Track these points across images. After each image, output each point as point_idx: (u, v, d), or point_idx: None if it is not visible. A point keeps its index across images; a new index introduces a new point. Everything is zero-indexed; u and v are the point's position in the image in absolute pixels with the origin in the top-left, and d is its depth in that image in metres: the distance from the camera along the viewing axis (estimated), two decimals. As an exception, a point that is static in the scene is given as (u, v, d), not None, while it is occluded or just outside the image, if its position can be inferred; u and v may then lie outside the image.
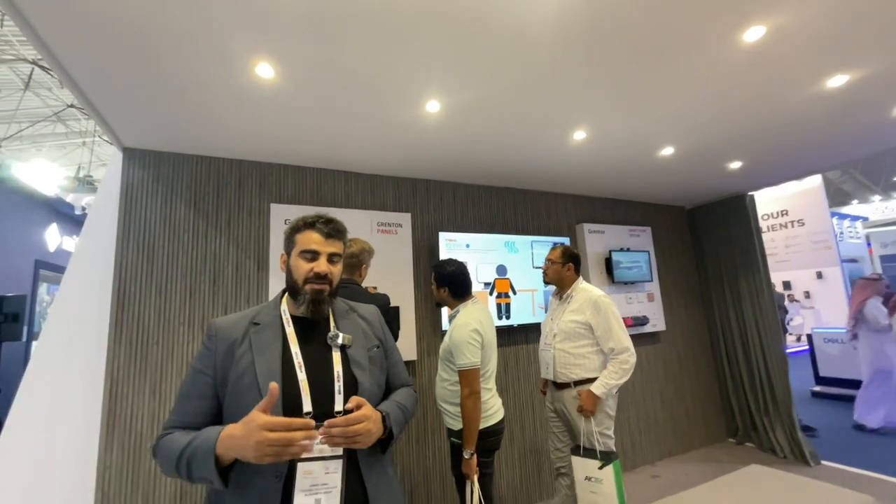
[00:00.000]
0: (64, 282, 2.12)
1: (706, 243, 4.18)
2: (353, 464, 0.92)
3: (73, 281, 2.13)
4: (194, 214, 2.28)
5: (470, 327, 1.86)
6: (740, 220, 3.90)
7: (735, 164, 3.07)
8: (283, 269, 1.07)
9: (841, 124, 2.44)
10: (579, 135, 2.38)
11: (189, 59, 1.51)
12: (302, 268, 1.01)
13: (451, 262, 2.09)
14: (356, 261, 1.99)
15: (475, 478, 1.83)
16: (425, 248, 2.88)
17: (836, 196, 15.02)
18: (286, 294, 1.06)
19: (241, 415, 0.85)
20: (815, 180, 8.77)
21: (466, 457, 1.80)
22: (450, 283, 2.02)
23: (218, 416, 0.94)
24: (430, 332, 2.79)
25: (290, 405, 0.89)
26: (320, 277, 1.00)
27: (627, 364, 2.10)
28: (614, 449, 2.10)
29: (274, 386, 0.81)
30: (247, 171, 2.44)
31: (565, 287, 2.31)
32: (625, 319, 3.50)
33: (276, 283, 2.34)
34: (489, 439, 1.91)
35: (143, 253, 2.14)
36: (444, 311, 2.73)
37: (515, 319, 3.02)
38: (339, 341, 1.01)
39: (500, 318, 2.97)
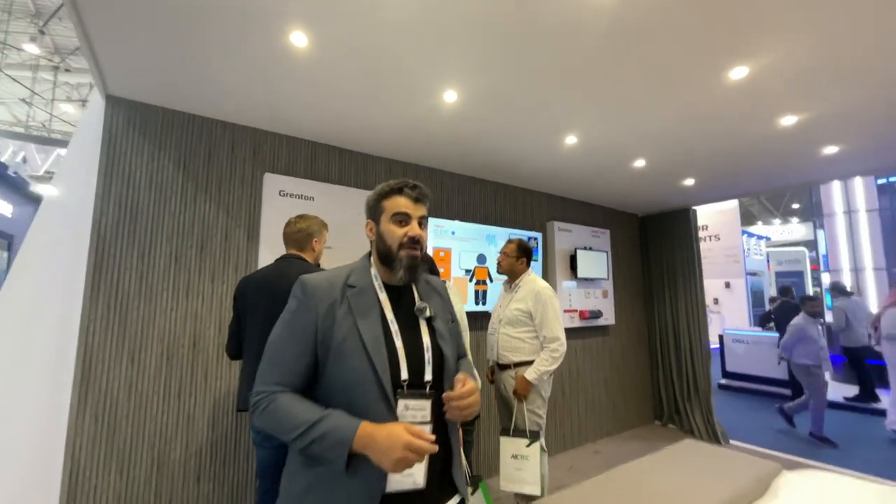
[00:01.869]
0: (30, 236, 1.92)
1: (653, 249, 4.66)
2: (441, 428, 0.95)
3: (41, 236, 1.94)
4: (183, 176, 2.16)
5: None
6: (683, 231, 4.40)
7: (688, 181, 3.47)
8: (370, 237, 1.05)
9: (782, 157, 2.88)
10: (570, 139, 2.57)
11: (206, 10, 1.45)
12: (395, 233, 0.99)
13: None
14: (304, 235, 1.86)
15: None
16: (413, 232, 2.95)
17: (745, 217, 17.11)
18: (373, 260, 1.05)
19: (344, 376, 0.89)
20: (732, 202, 9.98)
21: None
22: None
23: (314, 374, 0.93)
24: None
25: (390, 372, 0.91)
26: (414, 241, 0.99)
27: (557, 353, 2.27)
28: (543, 429, 2.30)
29: (428, 445, 0.82)
30: (241, 136, 2.34)
31: (515, 277, 2.47)
32: (581, 312, 3.84)
33: (267, 254, 2.29)
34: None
35: (125, 211, 1.99)
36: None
37: (490, 305, 3.21)
38: (427, 313, 1.02)
39: (477, 303, 3.13)
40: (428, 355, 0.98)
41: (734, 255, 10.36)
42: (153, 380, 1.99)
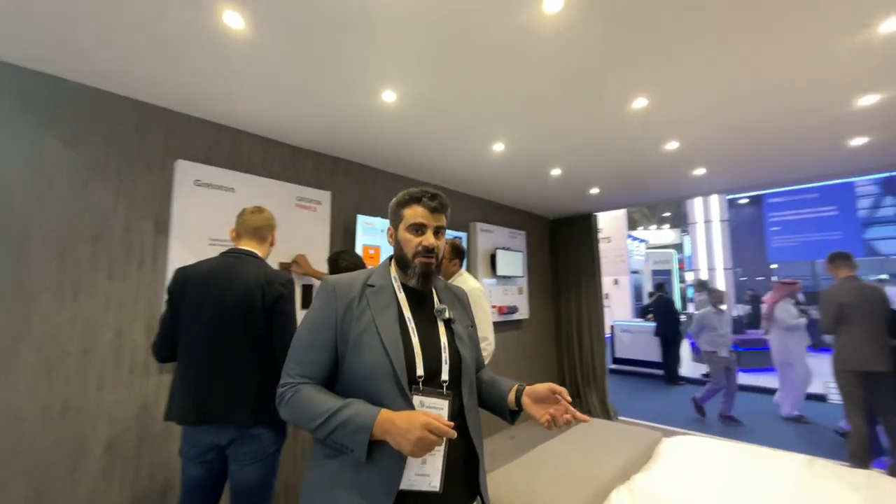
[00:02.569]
0: None
1: (560, 249, 5.16)
2: (461, 432, 0.97)
3: None
4: (73, 157, 1.85)
5: None
6: (586, 234, 4.95)
7: (594, 190, 3.92)
8: (390, 243, 1.10)
9: (665, 174, 3.41)
10: (499, 146, 2.75)
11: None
12: (411, 241, 1.03)
13: (345, 254, 2.24)
14: (267, 226, 1.70)
15: None
16: (342, 229, 2.89)
17: (629, 222, 19.70)
18: (393, 263, 1.09)
19: (362, 369, 0.93)
20: (622, 209, 11.45)
21: None
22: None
23: (335, 368, 0.97)
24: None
25: (406, 367, 0.93)
26: (428, 251, 1.02)
27: (486, 352, 2.27)
28: None
29: (448, 428, 0.84)
30: (150, 117, 2.08)
31: (448, 278, 2.55)
32: (500, 308, 4.11)
33: (181, 249, 2.07)
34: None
35: (-9, 195, 1.65)
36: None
37: (418, 303, 3.27)
38: (446, 315, 1.05)
39: (405, 301, 3.18)
40: (445, 355, 1.00)
41: (621, 255, 11.89)
42: (28, 396, 1.68)
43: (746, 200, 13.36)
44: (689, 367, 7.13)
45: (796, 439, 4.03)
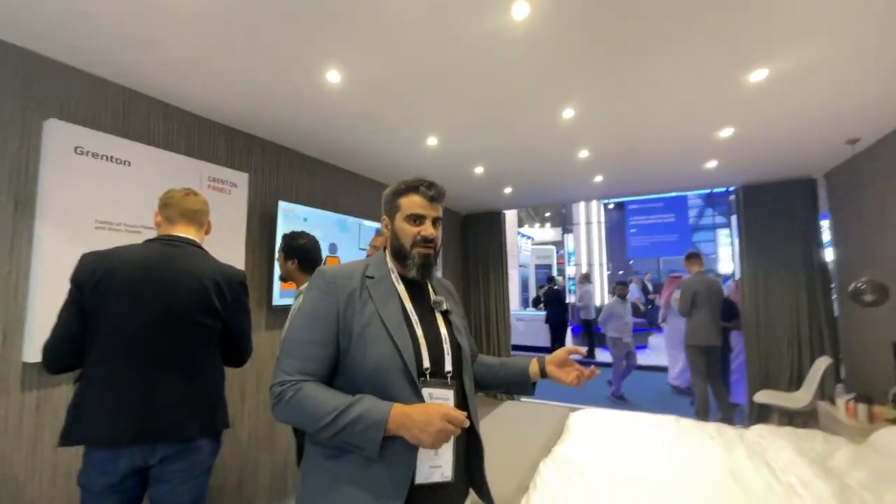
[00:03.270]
0: None
1: (471, 243, 5.40)
2: (464, 405, 0.99)
3: None
4: None
5: None
6: (495, 230, 5.27)
7: (508, 189, 4.20)
8: (385, 233, 1.07)
9: (573, 179, 3.82)
10: (432, 141, 2.77)
11: None
12: (408, 231, 1.01)
13: (303, 234, 2.09)
14: (204, 211, 1.48)
15: None
16: (260, 215, 2.61)
17: (518, 220, 21.55)
18: (388, 254, 1.06)
19: (369, 362, 0.89)
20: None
21: None
22: (301, 256, 2.02)
23: (336, 364, 0.93)
24: (256, 307, 2.55)
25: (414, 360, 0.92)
26: (427, 241, 1.00)
27: None
28: None
29: (464, 417, 0.84)
30: (2, 58, 1.59)
31: None
32: (418, 300, 4.16)
33: (54, 233, 1.64)
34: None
35: None
36: (278, 286, 2.59)
37: (340, 297, 3.13)
38: (444, 307, 1.04)
39: (327, 295, 3.01)
40: (447, 346, 1.00)
41: (511, 251, 12.91)
42: None
43: (613, 206, 15.64)
44: (571, 349, 8.12)
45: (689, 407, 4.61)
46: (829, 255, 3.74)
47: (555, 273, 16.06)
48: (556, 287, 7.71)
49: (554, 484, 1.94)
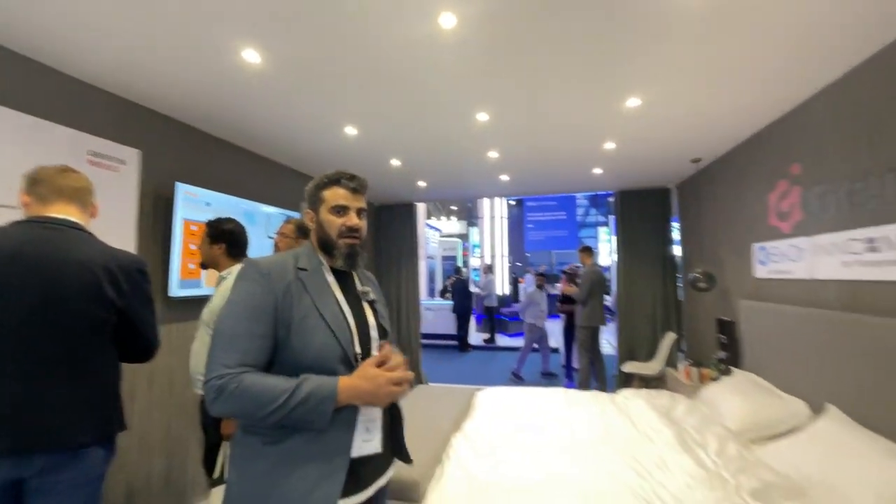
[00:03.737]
0: None
1: (384, 234, 5.44)
2: None
3: None
4: None
5: None
6: (408, 221, 5.39)
7: (422, 183, 4.34)
8: (311, 226, 1.10)
9: (483, 176, 4.09)
10: (351, 130, 2.77)
11: None
12: (334, 222, 1.06)
13: (229, 219, 2.01)
14: (87, 191, 1.31)
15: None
16: (154, 198, 2.34)
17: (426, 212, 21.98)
18: (316, 246, 1.09)
19: (310, 351, 0.95)
20: (427, 200, 12.72)
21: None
22: (229, 240, 1.93)
23: (272, 354, 0.95)
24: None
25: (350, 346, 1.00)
26: (353, 231, 1.06)
27: None
28: None
29: (388, 349, 1.01)
30: None
31: None
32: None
33: None
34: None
35: None
36: (175, 276, 2.38)
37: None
38: (371, 296, 1.11)
39: (233, 286, 2.82)
40: (374, 333, 1.08)
41: (421, 242, 13.18)
42: None
43: (514, 203, 16.86)
44: (475, 337, 8.65)
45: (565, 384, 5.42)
46: (677, 250, 4.62)
47: (460, 264, 16.81)
48: (463, 278, 8.13)
49: (465, 454, 2.15)
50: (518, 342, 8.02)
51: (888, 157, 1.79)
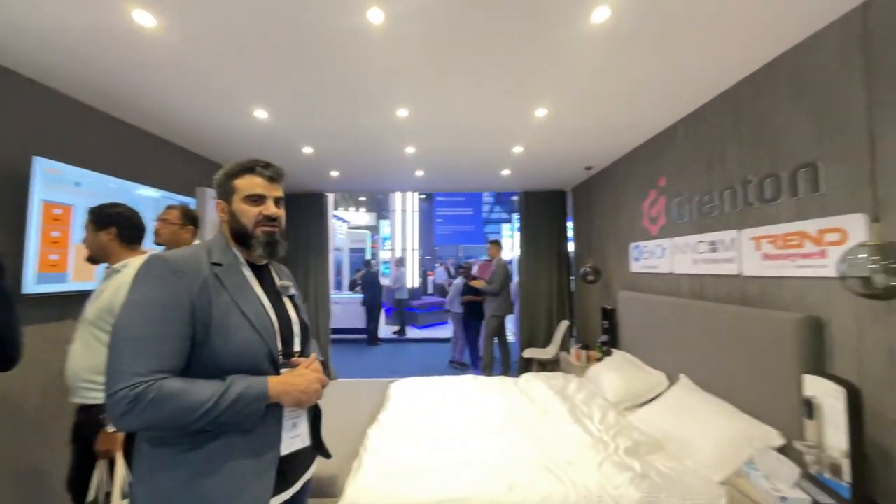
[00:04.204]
0: None
1: (293, 224, 5.12)
2: None
3: None
4: None
5: None
6: (318, 212, 5.16)
7: (335, 173, 4.19)
8: (222, 218, 1.03)
9: (396, 171, 4.10)
10: (261, 113, 2.57)
11: None
12: (249, 212, 1.00)
13: (116, 203, 1.75)
14: None
15: (120, 454, 1.67)
16: (2, 177, 1.91)
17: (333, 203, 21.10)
18: (230, 239, 1.03)
19: (233, 350, 0.90)
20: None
21: (111, 430, 1.61)
22: (120, 223, 1.68)
23: (188, 357, 0.88)
24: None
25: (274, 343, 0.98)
26: (271, 219, 1.02)
27: None
28: None
29: (313, 357, 1.04)
30: None
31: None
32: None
33: None
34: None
35: None
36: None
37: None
38: (291, 291, 1.08)
39: (110, 280, 2.43)
40: (297, 329, 1.06)
41: (330, 234, 12.68)
42: None
43: (424, 197, 17.08)
44: (383, 330, 8.62)
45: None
46: (571, 247, 5.19)
47: (369, 257, 16.53)
48: (373, 271, 8.03)
49: (381, 444, 2.19)
50: (427, 334, 8.23)
51: (724, 178, 2.27)
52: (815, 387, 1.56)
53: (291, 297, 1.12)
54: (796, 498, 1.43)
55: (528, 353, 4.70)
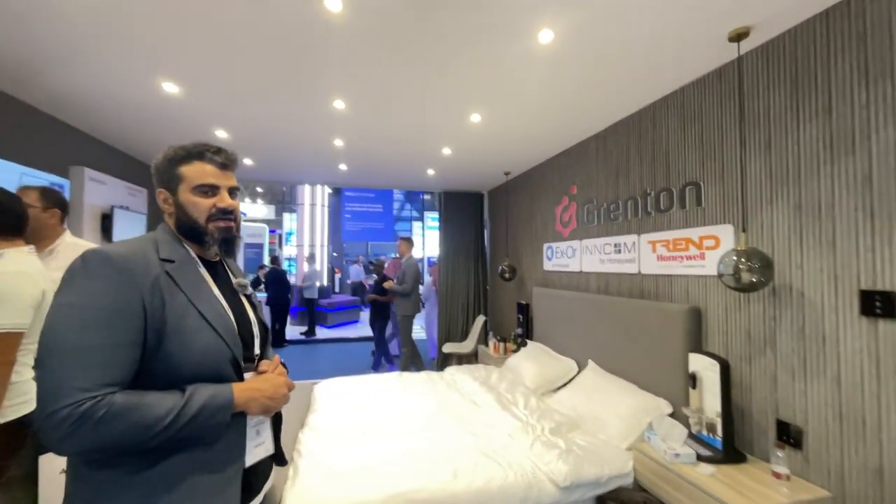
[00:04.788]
0: None
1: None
2: None
3: None
4: None
5: (28, 278, 1.39)
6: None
7: (249, 161, 3.83)
8: (166, 210, 0.93)
9: (319, 162, 3.90)
10: (171, 87, 2.26)
11: None
12: (200, 204, 0.91)
13: None
14: None
15: None
16: None
17: (228, 192, 18.92)
18: (177, 233, 0.94)
19: (193, 355, 0.82)
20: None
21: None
22: None
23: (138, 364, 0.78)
24: None
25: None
26: (226, 213, 0.93)
27: None
28: None
29: (277, 359, 1.01)
30: None
31: (47, 240, 1.74)
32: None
33: None
34: (24, 433, 1.47)
35: None
36: None
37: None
38: (249, 290, 1.01)
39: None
40: (256, 330, 0.99)
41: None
42: None
43: (332, 191, 16.41)
44: (290, 331, 8.09)
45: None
46: (487, 246, 5.49)
47: (266, 253, 15.30)
48: (279, 268, 7.48)
49: (315, 447, 2.10)
50: (337, 333, 7.94)
51: (628, 190, 2.65)
52: (697, 363, 1.93)
53: (248, 296, 1.04)
54: (685, 453, 1.76)
55: (448, 347, 4.86)
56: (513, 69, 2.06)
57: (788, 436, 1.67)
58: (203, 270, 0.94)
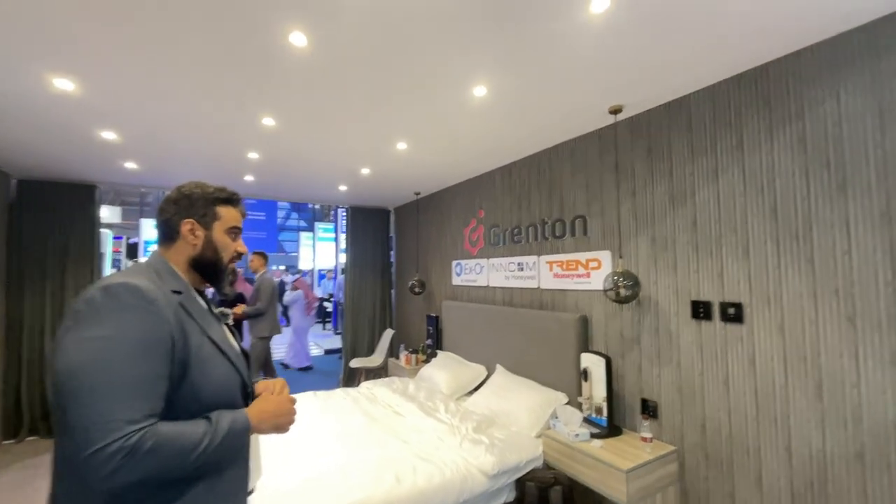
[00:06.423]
0: None
1: (47, 226, 3.72)
2: None
3: None
4: None
5: None
6: (84, 209, 3.93)
7: (132, 165, 3.36)
8: (191, 241, 0.95)
9: (225, 173, 3.62)
10: (63, 83, 1.96)
11: None
12: (230, 246, 1.00)
13: None
14: None
15: None
16: None
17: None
18: (176, 265, 0.95)
19: (212, 386, 0.87)
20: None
21: None
22: None
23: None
24: None
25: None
26: (240, 256, 1.04)
27: None
28: None
29: (282, 381, 1.05)
30: None
31: None
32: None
33: None
34: None
35: None
36: None
37: None
38: (230, 320, 1.06)
39: None
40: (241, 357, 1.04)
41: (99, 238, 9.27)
42: None
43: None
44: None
45: (311, 381, 5.54)
46: (392, 261, 5.66)
47: (109, 265, 12.86)
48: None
49: (245, 477, 2.01)
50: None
51: (529, 217, 3.15)
52: (587, 360, 2.44)
53: (228, 326, 1.09)
54: (582, 432, 2.22)
55: (355, 362, 4.86)
56: (446, 112, 2.34)
57: (649, 410, 2.25)
58: (202, 301, 0.98)
